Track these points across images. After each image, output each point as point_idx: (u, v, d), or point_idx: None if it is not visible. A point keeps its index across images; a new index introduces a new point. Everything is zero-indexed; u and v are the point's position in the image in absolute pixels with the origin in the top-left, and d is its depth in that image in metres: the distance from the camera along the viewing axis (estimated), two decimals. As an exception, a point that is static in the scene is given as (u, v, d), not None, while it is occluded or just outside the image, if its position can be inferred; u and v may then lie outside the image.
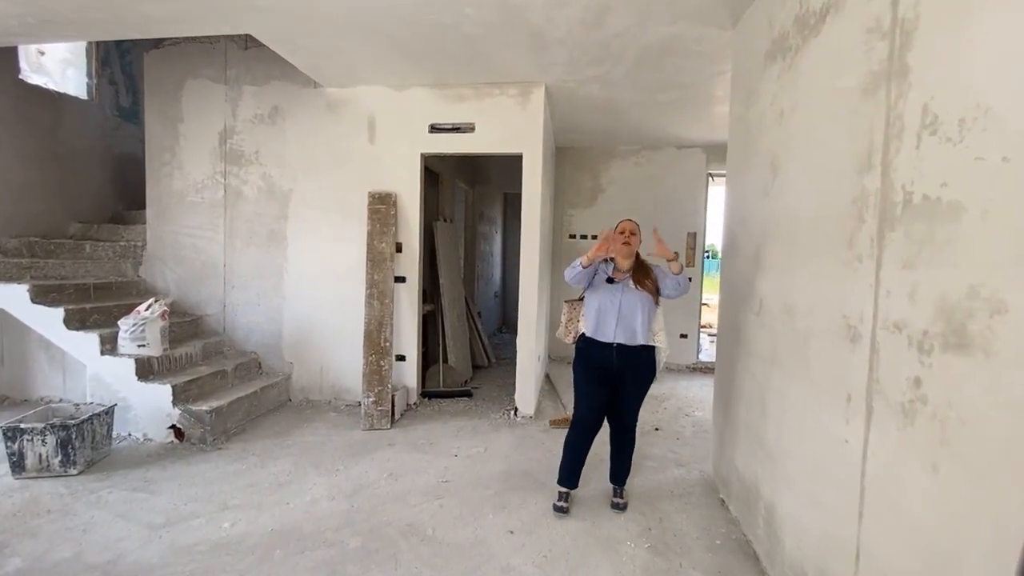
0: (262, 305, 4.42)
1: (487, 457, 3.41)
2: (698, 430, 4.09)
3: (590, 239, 6.17)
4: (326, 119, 4.27)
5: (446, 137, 4.13)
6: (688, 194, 5.99)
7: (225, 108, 4.39)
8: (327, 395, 4.40)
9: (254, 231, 4.40)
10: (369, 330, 4.02)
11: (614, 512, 2.74)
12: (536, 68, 3.72)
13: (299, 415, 4.11)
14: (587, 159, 6.08)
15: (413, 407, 4.33)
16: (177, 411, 3.46)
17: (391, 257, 4.12)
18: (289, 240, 4.37)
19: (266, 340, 4.43)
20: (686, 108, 4.57)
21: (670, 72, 3.69)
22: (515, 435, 3.81)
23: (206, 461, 3.23)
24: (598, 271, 2.77)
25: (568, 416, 4.06)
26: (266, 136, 4.35)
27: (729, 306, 2.95)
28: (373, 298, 4.07)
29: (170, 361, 3.77)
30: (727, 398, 2.91)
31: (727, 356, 2.94)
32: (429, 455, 3.41)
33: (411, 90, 4.15)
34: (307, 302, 4.36)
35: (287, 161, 4.34)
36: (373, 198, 4.17)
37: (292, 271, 4.38)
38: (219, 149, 4.41)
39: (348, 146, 4.25)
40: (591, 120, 4.99)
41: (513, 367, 6.19)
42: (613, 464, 2.84)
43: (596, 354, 2.67)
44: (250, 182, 4.39)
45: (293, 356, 4.42)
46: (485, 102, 4.07)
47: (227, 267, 4.45)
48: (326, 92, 4.26)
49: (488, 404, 4.54)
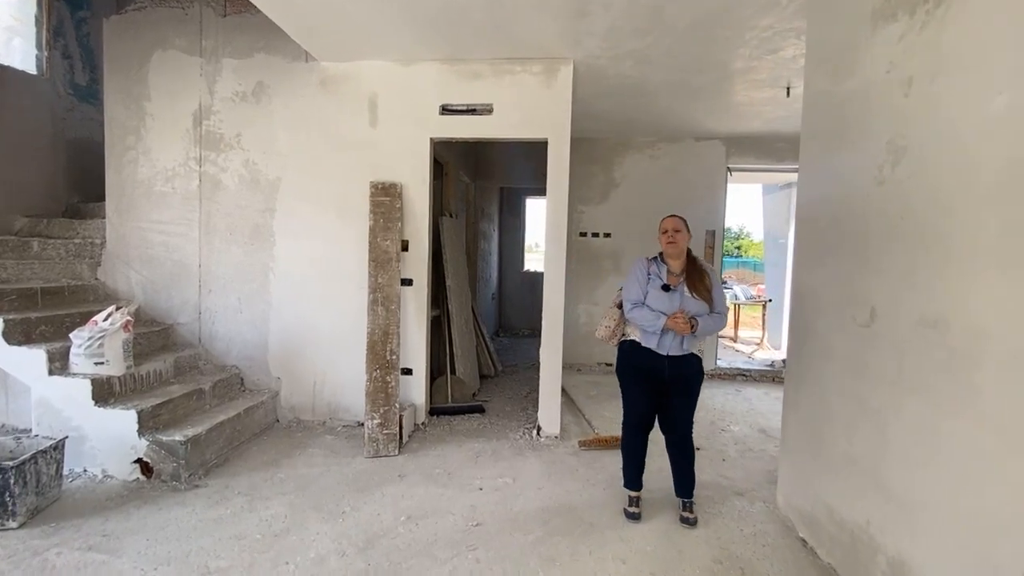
0: (245, 312, 3.84)
1: (517, 490, 2.92)
2: (742, 448, 3.68)
3: (602, 237, 5.74)
4: (320, 98, 3.72)
5: (459, 120, 3.62)
6: (707, 190, 5.60)
7: (200, 84, 3.79)
8: (321, 415, 3.85)
9: (235, 226, 3.82)
10: (373, 341, 3.49)
11: (685, 528, 2.58)
12: (567, 40, 3.24)
13: (290, 439, 3.55)
14: (600, 151, 5.64)
15: (421, 427, 3.81)
16: (144, 442, 2.88)
17: (397, 256, 3.60)
18: (277, 237, 3.80)
19: (250, 352, 3.85)
20: (716, 94, 4.17)
21: (718, 48, 3.26)
22: (542, 460, 3.34)
23: (181, 504, 2.66)
24: (651, 277, 2.54)
25: (599, 436, 3.63)
26: (249, 117, 3.77)
27: (810, 313, 2.53)
28: (377, 304, 3.54)
29: (135, 381, 3.17)
30: (810, 421, 2.49)
31: (808, 372, 2.52)
32: (449, 489, 2.91)
33: (419, 65, 3.63)
34: (298, 308, 3.80)
35: (274, 146, 3.77)
36: (376, 189, 3.63)
37: (280, 272, 3.81)
38: (193, 132, 3.81)
39: (346, 129, 3.71)
40: (612, 106, 4.54)
41: (520, 376, 5.80)
42: (676, 476, 2.70)
43: (645, 362, 2.55)
44: (230, 170, 3.80)
45: (281, 370, 3.85)
46: (504, 80, 3.57)
47: (203, 268, 3.85)
48: (320, 67, 3.70)
49: (503, 421, 4.05)
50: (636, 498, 2.70)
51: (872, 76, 2.07)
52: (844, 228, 2.26)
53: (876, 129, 2.04)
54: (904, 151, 1.87)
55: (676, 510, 2.71)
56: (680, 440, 2.65)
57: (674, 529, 2.58)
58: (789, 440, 2.70)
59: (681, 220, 2.55)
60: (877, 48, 2.05)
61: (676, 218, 2.57)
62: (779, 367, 5.78)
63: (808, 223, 2.59)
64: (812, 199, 2.56)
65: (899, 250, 1.89)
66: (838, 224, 2.31)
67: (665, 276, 2.55)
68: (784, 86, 3.88)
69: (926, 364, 1.73)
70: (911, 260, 1.82)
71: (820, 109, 2.49)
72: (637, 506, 2.67)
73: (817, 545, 2.38)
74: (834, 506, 2.25)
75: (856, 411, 2.11)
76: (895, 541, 1.86)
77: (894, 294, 1.90)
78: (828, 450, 2.31)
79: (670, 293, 2.49)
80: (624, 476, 2.74)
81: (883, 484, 1.92)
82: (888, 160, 1.95)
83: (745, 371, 5.74)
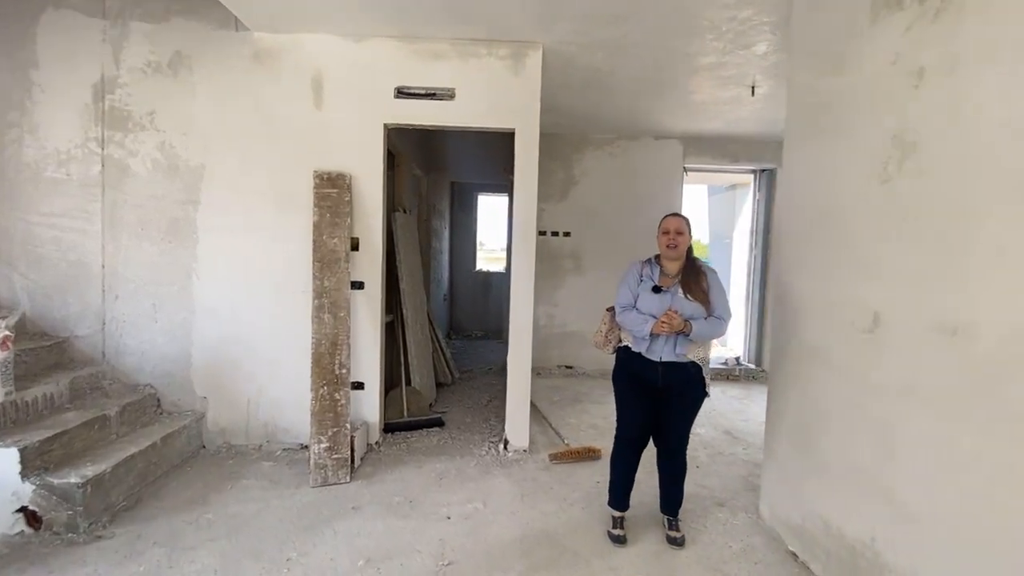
0: (162, 321, 3.28)
1: (490, 516, 2.63)
2: (712, 452, 3.60)
3: (562, 236, 5.55)
4: (254, 74, 3.23)
5: (418, 105, 3.27)
6: (665, 188, 5.55)
7: (103, 51, 3.19)
8: (257, 438, 3.36)
9: (148, 220, 3.25)
10: (319, 353, 3.07)
11: (673, 549, 2.41)
12: (538, 22, 2.98)
13: (220, 470, 3.05)
14: (560, 147, 5.44)
15: (375, 447, 3.42)
16: (29, 486, 2.33)
17: (346, 256, 3.19)
18: (200, 233, 3.27)
19: (168, 368, 3.29)
20: (680, 91, 4.06)
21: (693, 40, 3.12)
22: (513, 479, 3.06)
23: (79, 563, 2.15)
24: (643, 279, 2.36)
25: (570, 447, 3.42)
26: (164, 92, 3.21)
27: (796, 317, 2.42)
28: (323, 310, 3.12)
29: (17, 410, 2.58)
30: (799, 430, 2.39)
31: (797, 378, 2.42)
32: (412, 520, 2.57)
33: (372, 42, 3.23)
34: (228, 316, 3.29)
35: (197, 127, 3.23)
36: (321, 180, 3.20)
37: (206, 275, 3.28)
38: (94, 107, 3.20)
39: (285, 111, 3.24)
40: (577, 99, 4.35)
41: (478, 382, 5.48)
42: (663, 492, 2.54)
43: (639, 369, 2.37)
44: (141, 154, 3.22)
45: (208, 388, 3.32)
46: (469, 63, 3.26)
47: (107, 269, 3.25)
48: (253, 37, 3.21)
49: (465, 435, 3.74)
50: (621, 519, 2.49)
51: (873, 68, 1.96)
52: (836, 228, 2.16)
53: (879, 124, 1.93)
54: (915, 147, 1.76)
55: (660, 527, 2.54)
56: (670, 454, 2.48)
57: (663, 550, 2.40)
58: (774, 449, 2.60)
59: (684, 220, 2.36)
60: (879, 39, 1.94)
61: (679, 218, 2.38)
62: (733, 365, 5.85)
63: (792, 223, 2.49)
64: (797, 198, 2.45)
65: (909, 252, 1.78)
66: (828, 224, 2.21)
67: (657, 278, 2.36)
68: (749, 84, 3.83)
69: (944, 374, 1.62)
70: (925, 263, 1.71)
71: (807, 104, 2.39)
72: (622, 527, 2.47)
73: (810, 559, 2.27)
74: (831, 519, 2.14)
75: (857, 421, 2.00)
76: (908, 559, 1.75)
77: (903, 299, 1.80)
78: (823, 461, 2.21)
79: (661, 295, 2.31)
80: (610, 494, 2.52)
81: (893, 500, 1.81)
82: (894, 156, 1.85)
83: (701, 371, 5.75)
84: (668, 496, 2.51)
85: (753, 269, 5.93)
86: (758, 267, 5.84)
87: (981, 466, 1.50)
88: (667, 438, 2.45)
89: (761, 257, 5.81)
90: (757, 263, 5.86)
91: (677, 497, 2.51)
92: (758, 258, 5.85)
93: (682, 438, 2.45)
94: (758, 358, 5.82)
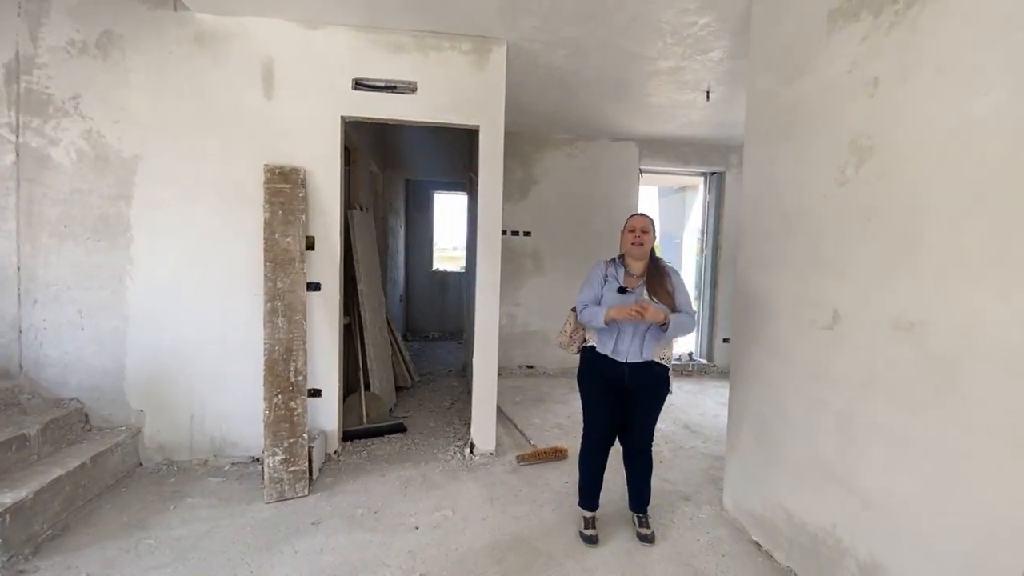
0: (89, 328, 2.97)
1: (460, 524, 2.56)
2: (674, 447, 3.68)
3: (523, 236, 5.53)
4: (196, 58, 2.98)
5: (377, 98, 3.13)
6: (622, 189, 5.66)
7: (17, 27, 2.84)
8: (203, 452, 3.11)
9: (73, 217, 2.93)
10: (272, 360, 2.87)
11: (645, 546, 2.43)
12: (502, 17, 2.93)
13: (160, 489, 2.80)
14: (520, 146, 5.41)
15: (334, 457, 3.26)
16: (-72, 520, 2.03)
17: (301, 256, 3.01)
18: (135, 231, 2.99)
19: (97, 381, 2.99)
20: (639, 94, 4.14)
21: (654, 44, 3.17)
22: (481, 483, 3.00)
23: (-8, 606, 1.90)
24: (608, 279, 2.37)
25: (537, 448, 3.39)
26: (92, 75, 2.91)
27: (758, 314, 2.50)
28: (277, 314, 2.92)
29: (-88, 432, 2.24)
30: (761, 424, 2.47)
31: (758, 374, 2.50)
32: (378, 532, 2.46)
33: (327, 29, 3.06)
34: (168, 322, 3.02)
35: (130, 115, 2.95)
36: (272, 174, 3.00)
37: (141, 277, 3.00)
38: (6, 90, 2.85)
39: (232, 99, 3.02)
40: (538, 98, 4.33)
41: (439, 384, 5.35)
42: (632, 490, 2.56)
43: (605, 369, 2.37)
44: (65, 142, 2.90)
45: (145, 401, 3.04)
46: (430, 56, 3.15)
47: (24, 272, 2.91)
48: (195, 19, 2.96)
49: (429, 439, 3.64)
50: (592, 519, 2.49)
51: (830, 76, 2.05)
52: (798, 229, 2.24)
53: (836, 129, 2.02)
54: (870, 151, 1.86)
55: (630, 525, 2.56)
56: (637, 452, 2.50)
57: (634, 548, 2.41)
58: (737, 443, 2.68)
59: (649, 220, 2.40)
60: (835, 48, 2.03)
61: (645, 217, 2.40)
62: (687, 361, 6.05)
63: (754, 223, 2.57)
64: (758, 200, 2.53)
65: (867, 252, 1.87)
66: (790, 225, 2.29)
67: (622, 278, 2.37)
68: (705, 89, 3.95)
69: (901, 367, 1.71)
70: (882, 262, 1.80)
71: (767, 109, 2.47)
72: (594, 527, 2.47)
73: (773, 548, 2.35)
74: (793, 509, 2.22)
75: (818, 414, 2.09)
76: (868, 544, 1.84)
77: (862, 297, 1.88)
78: (784, 453, 2.29)
79: (626, 296, 2.32)
80: (581, 495, 2.51)
81: (853, 488, 1.90)
82: (851, 161, 1.94)
83: (657, 367, 5.90)
84: (638, 494, 2.53)
85: (704, 268, 6.15)
86: (708, 266, 6.06)
87: (936, 452, 1.59)
88: (634, 437, 2.47)
89: (711, 257, 6.03)
90: (708, 263, 6.08)
91: (646, 494, 2.53)
92: (708, 258, 6.07)
93: (649, 436, 2.48)
94: (709, 354, 6.05)
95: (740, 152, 5.68)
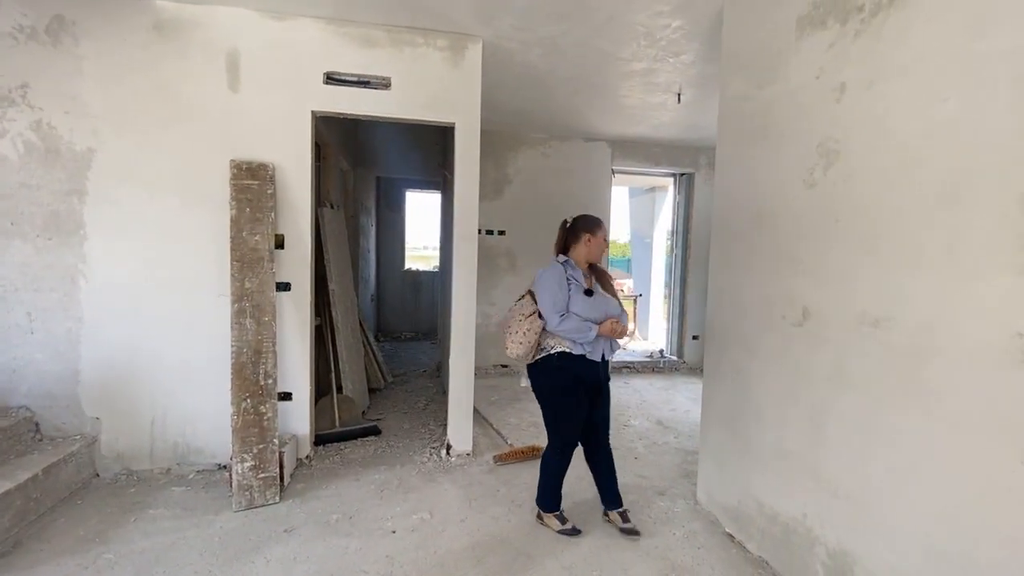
0: (39, 332, 2.79)
1: (438, 526, 2.52)
2: (648, 443, 3.74)
3: (497, 235, 5.51)
4: (155, 47, 2.84)
5: (349, 93, 3.05)
6: (595, 189, 5.71)
7: (-47, 8, 2.64)
8: (165, 461, 2.97)
9: (20, 213, 2.75)
10: (240, 363, 2.77)
11: (626, 540, 2.46)
12: (479, 15, 2.91)
13: (119, 500, 2.66)
14: (494, 145, 5.39)
15: (306, 461, 3.17)
16: None
17: (270, 255, 2.91)
18: (89, 229, 2.82)
19: (49, 387, 2.81)
20: (612, 95, 4.18)
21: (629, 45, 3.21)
22: (458, 484, 2.97)
23: (-68, 633, 1.76)
24: (570, 281, 2.40)
25: (514, 448, 3.39)
26: (41, 63, 2.73)
27: (730, 311, 2.56)
28: (244, 315, 2.82)
29: None
30: (732, 418, 2.53)
31: (729, 369, 2.56)
32: (354, 538, 2.40)
33: (296, 21, 2.97)
34: (126, 325, 2.87)
35: (84, 106, 2.78)
36: (239, 170, 2.89)
37: (97, 278, 2.84)
38: (-58, 76, 2.65)
39: (195, 91, 2.89)
40: (513, 97, 4.32)
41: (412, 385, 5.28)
42: (604, 487, 2.58)
43: (582, 370, 2.39)
44: (11, 134, 2.72)
45: (101, 408, 2.88)
46: (404, 52, 3.10)
47: (-35, 272, 2.71)
48: (154, 6, 2.82)
49: (404, 441, 3.58)
50: (561, 513, 2.53)
51: (799, 81, 2.12)
52: (768, 229, 2.31)
53: (804, 133, 2.08)
54: (837, 155, 1.92)
55: (602, 522, 2.60)
56: (602, 447, 2.56)
57: (612, 544, 2.43)
58: (710, 437, 2.74)
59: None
60: (804, 54, 2.09)
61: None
62: (658, 358, 6.16)
63: (727, 223, 2.63)
64: (731, 200, 2.59)
65: (835, 251, 1.93)
66: (761, 225, 2.36)
67: (583, 281, 2.44)
68: (676, 91, 4.02)
69: (868, 361, 1.78)
70: (849, 261, 1.87)
71: (739, 113, 2.53)
72: (568, 519, 2.53)
73: (746, 539, 2.42)
74: (764, 500, 2.29)
75: (788, 408, 2.16)
76: (836, 532, 1.91)
77: (829, 294, 1.95)
78: (755, 446, 2.35)
79: (594, 297, 2.41)
80: (551, 499, 2.52)
81: (822, 478, 1.97)
82: (819, 163, 2.00)
83: (630, 363, 6.00)
84: (612, 488, 2.57)
85: (673, 267, 6.28)
86: (678, 265, 6.19)
87: (902, 441, 1.67)
88: (600, 432, 2.54)
89: (681, 256, 6.16)
90: (677, 262, 6.21)
91: (617, 487, 2.58)
92: (679, 257, 6.20)
93: (608, 429, 2.58)
94: (679, 351, 6.17)
95: (709, 153, 5.82)
